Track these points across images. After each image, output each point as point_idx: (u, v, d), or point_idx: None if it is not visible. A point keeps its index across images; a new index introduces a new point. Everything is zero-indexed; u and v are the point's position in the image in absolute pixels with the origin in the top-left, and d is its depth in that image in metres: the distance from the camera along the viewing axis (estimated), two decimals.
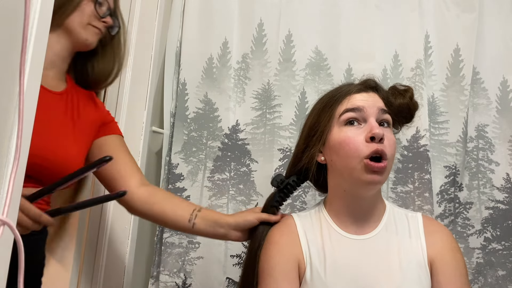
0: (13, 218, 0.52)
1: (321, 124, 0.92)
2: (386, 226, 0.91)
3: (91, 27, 0.98)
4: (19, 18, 0.51)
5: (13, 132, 0.51)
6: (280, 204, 1.00)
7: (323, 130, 0.91)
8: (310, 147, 0.94)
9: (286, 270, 0.88)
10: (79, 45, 0.99)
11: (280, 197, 1.00)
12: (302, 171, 0.97)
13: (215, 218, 0.99)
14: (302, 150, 0.96)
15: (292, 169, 0.99)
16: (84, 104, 1.03)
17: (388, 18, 1.39)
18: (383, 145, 0.85)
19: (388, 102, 0.94)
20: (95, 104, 1.07)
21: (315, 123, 0.94)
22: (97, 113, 1.06)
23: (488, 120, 1.34)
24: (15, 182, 0.50)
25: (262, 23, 1.41)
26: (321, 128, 0.92)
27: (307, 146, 0.95)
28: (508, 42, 1.38)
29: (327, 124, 0.91)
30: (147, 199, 1.01)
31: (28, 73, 0.53)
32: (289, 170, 1.01)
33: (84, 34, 0.97)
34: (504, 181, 1.29)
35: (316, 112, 0.95)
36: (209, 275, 1.28)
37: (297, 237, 0.92)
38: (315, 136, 0.93)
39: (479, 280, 1.24)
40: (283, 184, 0.99)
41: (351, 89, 0.93)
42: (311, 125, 0.95)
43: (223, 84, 1.39)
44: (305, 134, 0.96)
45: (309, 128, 0.95)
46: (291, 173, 1.00)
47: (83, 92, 1.05)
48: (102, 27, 1.00)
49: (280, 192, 0.99)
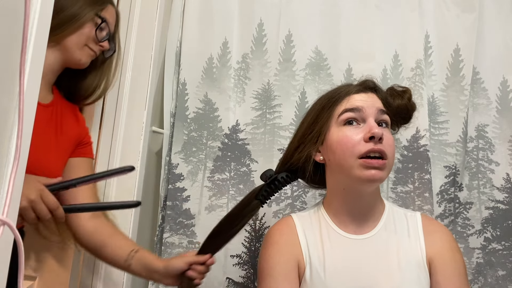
0: (13, 218, 0.52)
1: (319, 124, 0.92)
2: (385, 226, 0.92)
3: (87, 48, 0.99)
4: (19, 18, 0.51)
5: (13, 132, 0.51)
6: (265, 199, 0.99)
7: (320, 130, 0.92)
8: (303, 145, 0.94)
9: (286, 270, 0.88)
10: (71, 63, 1.00)
11: (266, 191, 0.98)
12: (294, 169, 0.97)
13: (148, 263, 0.97)
14: (295, 147, 0.96)
15: (282, 166, 0.99)
16: (68, 118, 1.04)
17: (388, 18, 1.39)
18: (382, 145, 0.85)
19: (387, 102, 0.95)
20: (77, 119, 1.08)
21: (313, 123, 0.94)
22: (77, 129, 1.07)
23: (488, 120, 1.34)
24: (15, 182, 0.50)
25: (262, 23, 1.41)
26: (318, 127, 0.92)
27: (301, 144, 0.95)
28: (508, 42, 1.38)
29: (326, 124, 0.91)
30: (92, 233, 1.01)
31: (28, 73, 0.53)
32: (279, 166, 1.00)
33: (78, 54, 0.98)
34: (504, 181, 1.29)
35: (315, 112, 0.96)
36: (209, 275, 1.27)
37: (297, 237, 0.92)
38: (311, 135, 0.93)
39: (479, 280, 1.24)
40: (270, 179, 0.98)
41: (350, 90, 0.93)
42: (309, 124, 0.95)
43: (223, 84, 1.39)
44: (301, 132, 0.97)
45: (306, 127, 0.96)
46: (280, 169, 0.99)
47: (67, 105, 1.06)
48: (98, 50, 1.02)
49: (267, 187, 0.98)
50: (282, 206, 1.28)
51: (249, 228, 1.29)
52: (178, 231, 1.30)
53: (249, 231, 1.29)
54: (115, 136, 1.28)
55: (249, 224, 1.29)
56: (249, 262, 1.27)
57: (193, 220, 1.30)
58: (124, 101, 1.30)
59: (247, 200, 0.98)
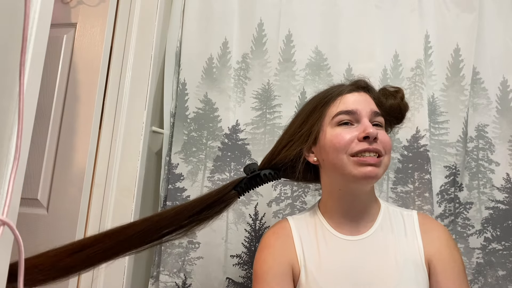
0: (13, 218, 0.52)
1: (310, 123, 0.92)
2: (381, 226, 0.91)
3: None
4: (19, 18, 0.51)
5: (13, 132, 0.51)
6: (243, 191, 0.98)
7: (311, 129, 0.91)
8: (292, 143, 0.93)
9: (280, 274, 0.88)
10: None
11: (246, 184, 0.97)
12: (279, 167, 0.96)
13: None
14: (284, 145, 0.95)
15: (268, 163, 0.98)
16: None
17: (388, 18, 1.39)
18: (377, 144, 0.85)
19: (379, 102, 0.95)
20: None
21: (303, 122, 0.94)
22: None
23: (488, 120, 1.34)
24: (15, 182, 0.50)
25: (262, 23, 1.41)
26: (309, 126, 0.92)
27: (289, 142, 0.94)
28: (508, 42, 1.38)
29: (318, 124, 0.91)
30: None
31: (28, 73, 0.53)
32: (264, 162, 0.99)
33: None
34: (504, 181, 1.29)
35: (306, 111, 0.95)
36: (209, 275, 1.28)
37: (292, 240, 0.92)
38: (300, 133, 0.92)
39: (479, 280, 1.24)
40: (253, 174, 0.97)
41: (343, 90, 0.93)
42: (299, 123, 0.95)
43: (223, 84, 1.39)
44: (291, 131, 0.96)
45: (296, 126, 0.95)
46: (265, 165, 0.98)
47: None
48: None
49: (249, 180, 0.97)
50: (282, 206, 1.28)
51: (249, 228, 1.29)
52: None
53: (249, 231, 1.29)
54: (115, 136, 1.28)
55: (249, 224, 1.29)
56: (249, 262, 1.27)
57: None
58: (124, 101, 1.30)
59: (224, 188, 0.96)
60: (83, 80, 1.28)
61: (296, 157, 0.93)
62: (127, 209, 1.24)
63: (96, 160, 1.27)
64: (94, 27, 1.31)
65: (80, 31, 1.32)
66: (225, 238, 1.29)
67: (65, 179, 1.23)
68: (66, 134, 1.25)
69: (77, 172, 1.23)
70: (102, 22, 1.31)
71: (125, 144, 1.28)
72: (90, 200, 1.25)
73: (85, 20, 1.32)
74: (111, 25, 1.33)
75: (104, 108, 1.29)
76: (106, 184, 1.26)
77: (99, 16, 1.32)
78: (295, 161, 0.94)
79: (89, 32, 1.31)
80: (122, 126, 1.29)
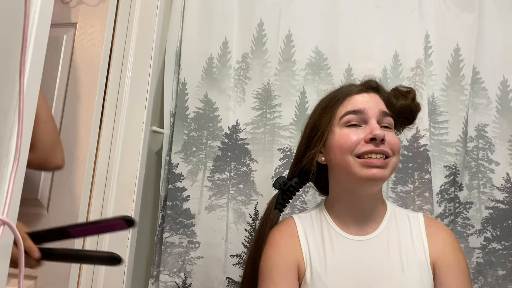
0: (13, 218, 0.52)
1: (322, 125, 0.92)
2: (387, 227, 0.91)
3: None
4: (19, 18, 0.51)
5: (13, 132, 0.51)
6: (283, 207, 1.00)
7: (323, 131, 0.91)
8: (311, 148, 0.94)
9: (285, 272, 0.88)
10: None
11: (283, 199, 1.00)
12: (303, 173, 0.97)
13: None
14: (303, 150, 0.96)
15: (294, 170, 0.99)
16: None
17: (388, 18, 1.39)
18: (384, 146, 0.85)
19: (390, 103, 0.94)
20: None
21: (315, 124, 0.94)
22: None
23: (488, 120, 1.34)
24: (15, 182, 0.50)
25: (262, 23, 1.41)
26: (322, 128, 0.92)
27: (307, 146, 0.95)
28: (508, 42, 1.38)
29: (328, 125, 0.91)
30: None
31: (28, 73, 0.53)
32: (291, 171, 1.00)
33: None
34: (504, 181, 1.29)
35: (318, 113, 0.95)
36: (209, 275, 1.28)
37: (297, 238, 0.92)
38: (316, 137, 0.92)
39: (479, 280, 1.24)
40: (285, 186, 0.99)
41: (352, 90, 0.92)
42: (312, 126, 0.95)
43: (223, 84, 1.39)
44: (307, 134, 0.96)
45: (311, 129, 0.95)
46: (293, 174, 0.99)
47: None
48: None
49: (283, 195, 0.99)
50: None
51: (249, 228, 1.29)
52: (178, 230, 1.30)
53: (249, 230, 1.29)
54: (115, 136, 1.28)
55: (249, 223, 1.29)
56: None
57: (193, 220, 1.30)
58: (124, 101, 1.30)
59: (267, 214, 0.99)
60: (83, 80, 1.28)
61: (311, 159, 0.94)
62: (127, 208, 1.24)
63: (96, 160, 1.27)
64: (94, 27, 1.31)
65: (80, 31, 1.32)
66: (225, 238, 1.29)
67: (65, 179, 1.23)
68: (66, 134, 1.25)
69: (77, 172, 1.23)
70: (102, 22, 1.31)
71: (125, 144, 1.28)
72: (90, 200, 1.25)
73: (85, 20, 1.32)
74: (111, 25, 1.33)
75: (104, 108, 1.29)
76: (106, 184, 1.26)
77: (99, 16, 1.32)
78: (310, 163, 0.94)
79: (89, 32, 1.31)
80: (122, 125, 1.29)
